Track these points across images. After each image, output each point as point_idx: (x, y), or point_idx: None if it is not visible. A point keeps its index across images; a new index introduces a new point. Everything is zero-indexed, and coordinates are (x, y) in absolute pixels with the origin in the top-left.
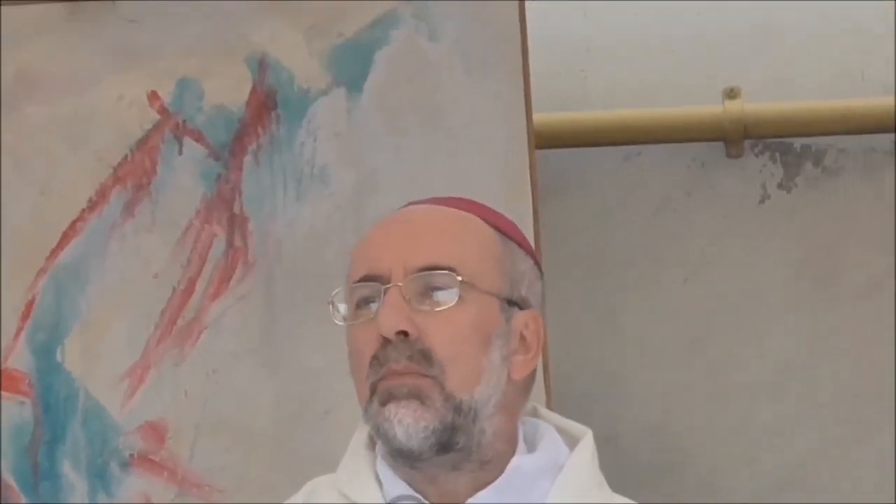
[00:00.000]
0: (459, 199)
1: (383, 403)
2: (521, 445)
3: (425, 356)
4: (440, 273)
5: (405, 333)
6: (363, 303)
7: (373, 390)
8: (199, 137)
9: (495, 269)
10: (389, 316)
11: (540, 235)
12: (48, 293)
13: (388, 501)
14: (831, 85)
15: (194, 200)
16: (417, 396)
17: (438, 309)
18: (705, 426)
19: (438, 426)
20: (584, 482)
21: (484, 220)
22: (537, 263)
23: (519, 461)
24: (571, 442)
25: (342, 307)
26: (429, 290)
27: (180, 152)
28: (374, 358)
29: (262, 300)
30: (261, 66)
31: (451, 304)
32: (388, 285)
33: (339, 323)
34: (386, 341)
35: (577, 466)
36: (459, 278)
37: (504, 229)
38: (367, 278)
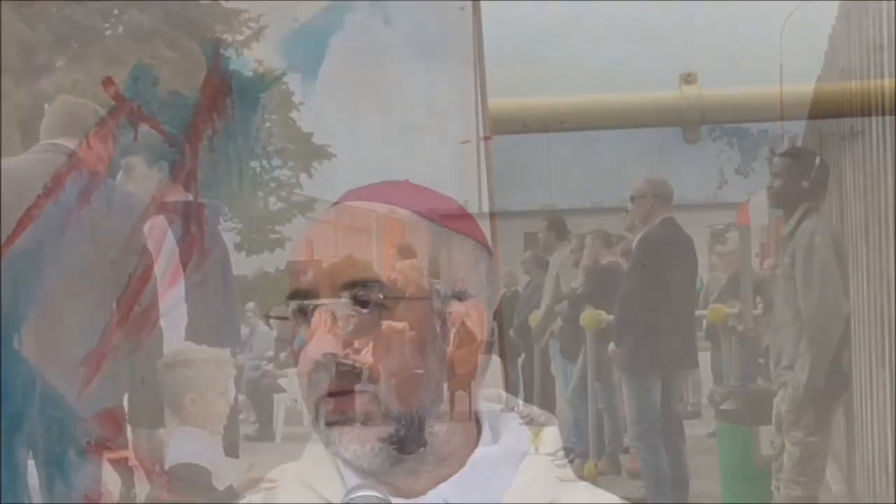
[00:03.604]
0: (396, 186)
1: (328, 426)
2: (486, 434)
3: (357, 374)
4: (366, 287)
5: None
6: (300, 313)
7: (316, 408)
8: (154, 123)
9: (426, 270)
10: (315, 339)
11: (496, 220)
12: (4, 281)
13: (349, 490)
14: (788, 70)
15: (150, 187)
16: (359, 419)
17: (366, 324)
18: None
19: (385, 442)
20: (546, 468)
21: (418, 212)
22: (481, 242)
23: (481, 452)
24: (535, 429)
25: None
26: (356, 305)
27: (135, 139)
28: (309, 377)
29: (217, 286)
30: (215, 51)
31: (380, 318)
32: (315, 303)
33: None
34: (317, 363)
35: (539, 453)
36: (384, 293)
37: (440, 215)
38: (296, 294)
